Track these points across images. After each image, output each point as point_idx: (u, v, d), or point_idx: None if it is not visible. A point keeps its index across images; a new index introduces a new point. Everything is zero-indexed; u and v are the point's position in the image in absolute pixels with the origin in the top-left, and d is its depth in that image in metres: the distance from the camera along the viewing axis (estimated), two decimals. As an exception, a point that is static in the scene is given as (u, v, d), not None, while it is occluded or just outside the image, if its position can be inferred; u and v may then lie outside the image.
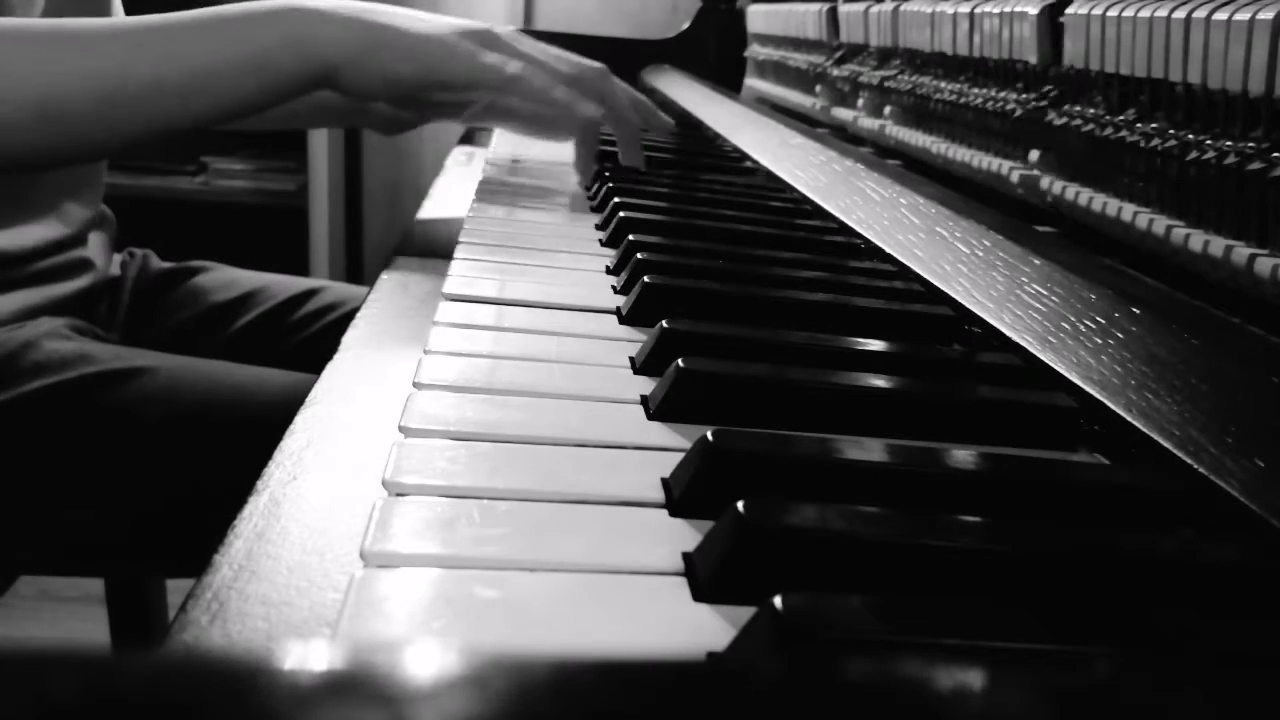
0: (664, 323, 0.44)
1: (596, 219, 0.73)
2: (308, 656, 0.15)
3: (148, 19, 0.68)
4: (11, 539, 0.71)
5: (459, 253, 0.59)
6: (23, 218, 0.83)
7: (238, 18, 0.69)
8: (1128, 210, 0.53)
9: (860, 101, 0.97)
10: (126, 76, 0.65)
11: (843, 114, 1.00)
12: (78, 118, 0.65)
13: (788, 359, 0.43)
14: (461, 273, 0.55)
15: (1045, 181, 0.61)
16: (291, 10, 0.69)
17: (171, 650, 0.24)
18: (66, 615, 1.61)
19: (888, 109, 0.90)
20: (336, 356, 0.44)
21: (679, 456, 0.33)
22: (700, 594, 0.27)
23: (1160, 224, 0.50)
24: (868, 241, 0.65)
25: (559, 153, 0.99)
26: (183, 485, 0.70)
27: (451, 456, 0.33)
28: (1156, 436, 0.36)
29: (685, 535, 0.30)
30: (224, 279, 0.98)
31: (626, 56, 1.75)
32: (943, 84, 0.77)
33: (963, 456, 0.34)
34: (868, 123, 0.93)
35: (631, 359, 0.45)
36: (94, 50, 0.65)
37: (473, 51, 0.72)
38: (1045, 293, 0.48)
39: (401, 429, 0.35)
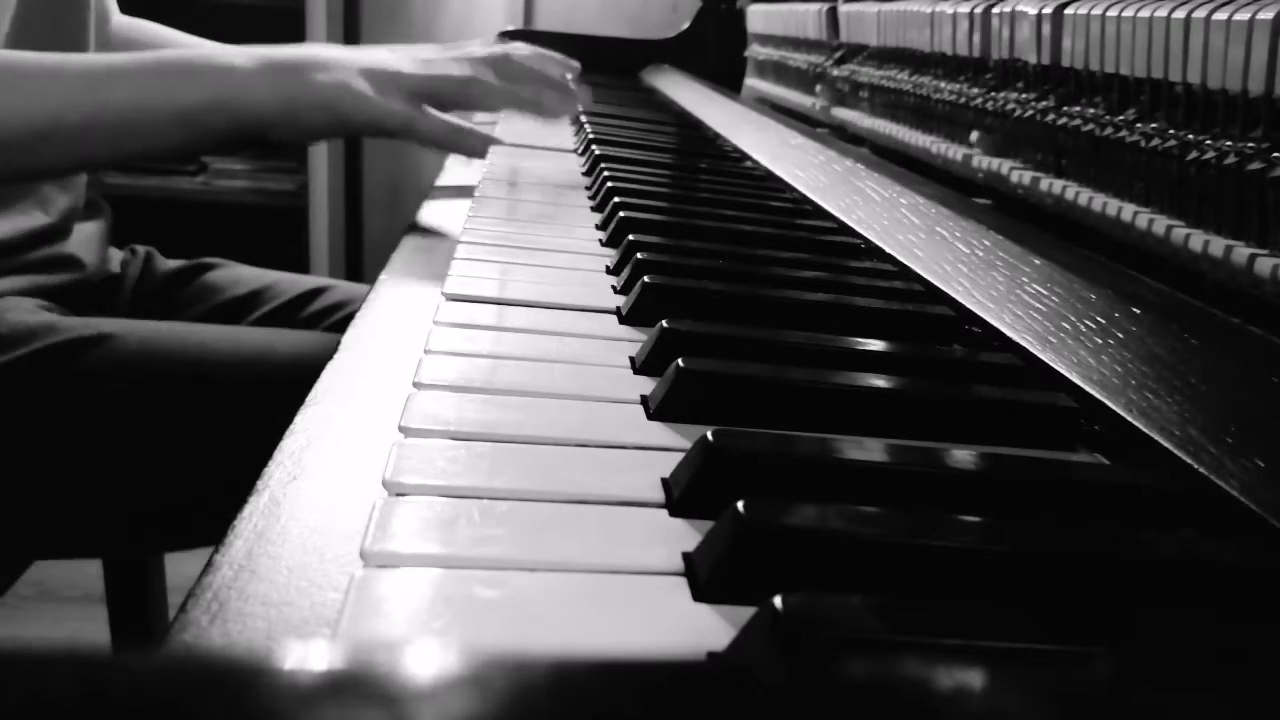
0: (664, 323, 0.44)
1: (596, 219, 0.73)
2: (308, 656, 0.15)
3: (87, 61, 0.73)
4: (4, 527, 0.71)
5: (459, 253, 0.59)
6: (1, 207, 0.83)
7: (170, 71, 0.74)
8: (1128, 210, 0.53)
9: (860, 101, 0.97)
10: (60, 118, 0.70)
11: (843, 114, 1.00)
12: (6, 152, 0.69)
13: (788, 359, 0.43)
14: (461, 273, 0.55)
15: (1045, 182, 0.61)
16: (221, 69, 0.74)
17: (172, 650, 0.24)
18: (66, 615, 1.61)
19: (888, 109, 0.90)
20: (336, 356, 0.44)
21: (679, 456, 0.33)
22: (700, 594, 0.27)
23: (1160, 224, 0.50)
24: (868, 241, 0.65)
25: (560, 151, 0.99)
26: (156, 448, 0.70)
27: (451, 456, 0.33)
28: (1156, 436, 0.36)
29: (685, 535, 0.30)
30: (232, 277, 0.98)
31: (626, 56, 1.75)
32: (943, 84, 0.77)
33: (963, 456, 0.34)
34: (868, 123, 0.93)
35: (631, 359, 0.45)
36: (31, 90, 0.69)
37: (372, 99, 0.78)
38: (1045, 293, 0.48)
39: (402, 429, 0.35)
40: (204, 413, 0.70)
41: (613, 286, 0.56)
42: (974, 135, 0.69)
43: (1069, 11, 0.59)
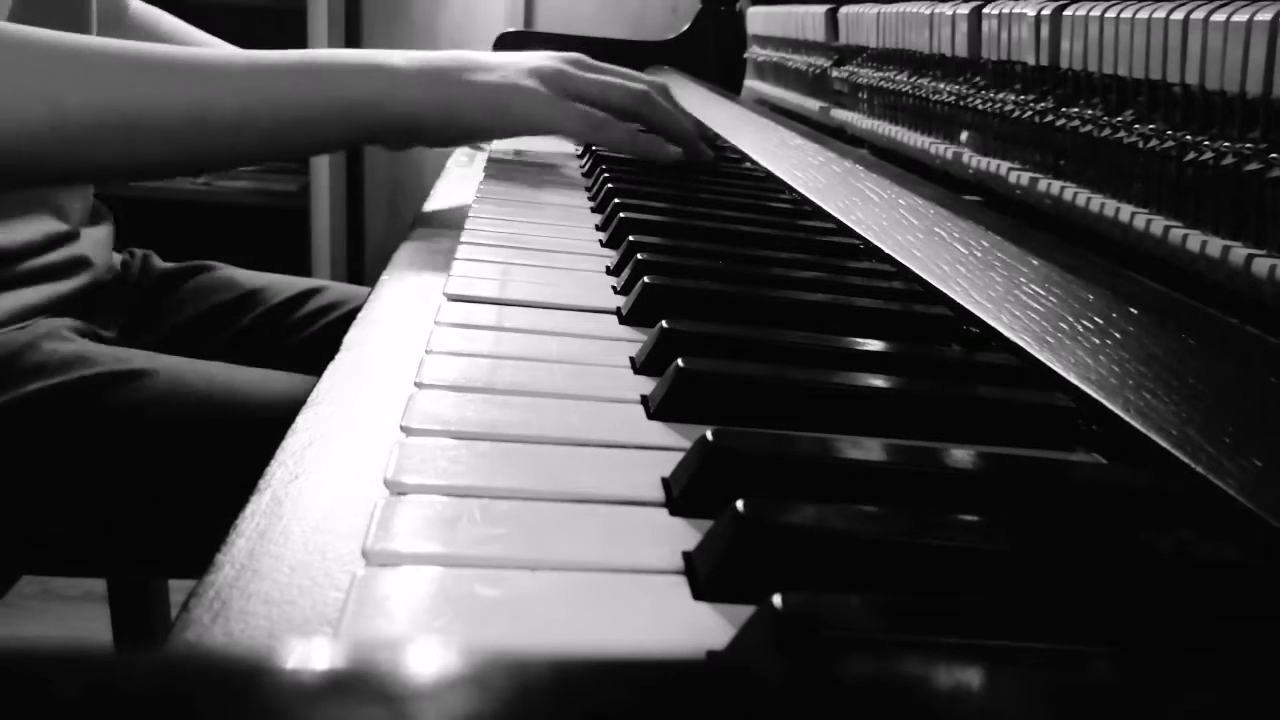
0: (664, 323, 0.44)
1: (597, 219, 0.73)
2: (310, 655, 0.15)
3: (245, 57, 0.72)
4: (13, 540, 0.72)
5: (460, 253, 0.59)
6: (15, 213, 0.83)
7: (331, 69, 0.73)
8: (1126, 210, 0.53)
9: (860, 103, 0.97)
10: (208, 111, 0.68)
11: (842, 115, 1.00)
12: (157, 143, 0.68)
13: (788, 359, 0.43)
14: (462, 273, 0.55)
15: (1043, 183, 0.61)
16: (379, 68, 0.74)
17: (174, 649, 0.24)
18: (69, 614, 1.61)
19: (887, 110, 0.90)
20: (338, 356, 0.44)
21: (679, 456, 0.34)
22: (700, 593, 0.27)
23: (1158, 224, 0.50)
24: (867, 242, 0.66)
25: (560, 153, 0.99)
26: (183, 486, 0.70)
27: (453, 456, 0.33)
28: (1154, 436, 0.36)
29: (685, 534, 0.30)
30: (226, 279, 0.98)
31: (626, 58, 1.75)
32: (943, 85, 0.77)
33: (962, 456, 0.34)
34: (867, 124, 0.93)
35: (632, 359, 0.45)
36: (180, 82, 0.68)
37: (545, 98, 0.79)
38: (1043, 293, 0.48)
39: (403, 428, 0.35)
40: (231, 453, 0.69)
41: (613, 287, 0.56)
42: (964, 135, 0.69)
43: (1067, 13, 0.59)
